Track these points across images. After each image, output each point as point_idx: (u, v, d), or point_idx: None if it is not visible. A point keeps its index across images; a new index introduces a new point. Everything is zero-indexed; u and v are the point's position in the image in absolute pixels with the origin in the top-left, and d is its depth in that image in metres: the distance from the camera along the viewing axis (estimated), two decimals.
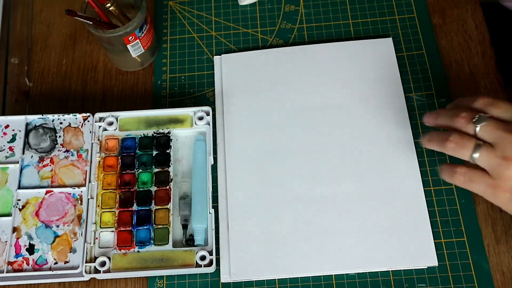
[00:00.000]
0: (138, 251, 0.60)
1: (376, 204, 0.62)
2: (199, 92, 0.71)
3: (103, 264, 0.60)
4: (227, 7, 0.77)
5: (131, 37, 0.67)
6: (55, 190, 0.63)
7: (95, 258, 0.60)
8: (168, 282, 0.61)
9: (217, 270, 0.60)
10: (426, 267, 0.59)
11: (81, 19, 0.64)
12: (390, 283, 0.59)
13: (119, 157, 0.65)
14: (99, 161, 0.64)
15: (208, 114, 0.66)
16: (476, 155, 0.51)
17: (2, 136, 0.66)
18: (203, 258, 0.59)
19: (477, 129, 0.51)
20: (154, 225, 0.61)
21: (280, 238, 0.61)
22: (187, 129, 0.66)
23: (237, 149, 0.66)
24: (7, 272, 0.59)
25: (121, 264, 0.60)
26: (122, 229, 0.61)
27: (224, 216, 0.63)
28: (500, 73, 0.69)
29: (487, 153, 0.50)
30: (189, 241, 0.61)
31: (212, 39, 0.75)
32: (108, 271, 0.59)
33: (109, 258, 0.60)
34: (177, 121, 0.66)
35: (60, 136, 0.66)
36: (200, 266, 0.59)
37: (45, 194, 0.63)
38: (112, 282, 0.61)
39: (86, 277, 0.60)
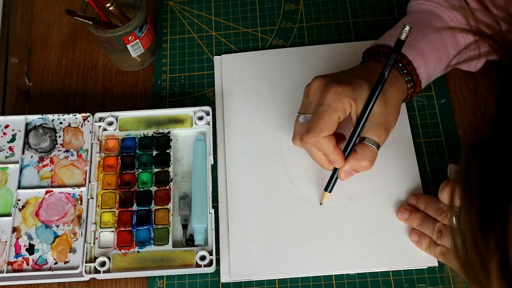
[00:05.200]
0: (138, 251, 0.60)
1: (376, 204, 0.62)
2: (199, 92, 0.71)
3: (103, 264, 0.60)
4: (227, 7, 0.76)
5: (131, 37, 0.67)
6: (55, 190, 0.63)
7: (95, 258, 0.60)
8: (168, 282, 0.61)
9: (217, 270, 0.60)
10: (426, 267, 0.59)
11: (81, 19, 0.64)
12: (390, 283, 0.59)
13: (119, 157, 0.65)
14: (99, 161, 0.64)
15: (208, 114, 0.66)
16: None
17: (2, 136, 0.66)
18: (203, 258, 0.59)
19: (454, 220, 0.55)
20: (154, 225, 0.61)
21: (280, 238, 0.61)
22: (187, 129, 0.66)
23: (237, 149, 0.66)
24: (7, 272, 0.59)
25: (121, 264, 0.60)
26: (122, 229, 0.61)
27: (224, 216, 0.63)
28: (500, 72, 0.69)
29: None
30: (189, 241, 0.61)
31: (212, 39, 0.75)
32: (108, 271, 0.59)
33: (109, 258, 0.60)
34: (177, 121, 0.66)
35: (60, 136, 0.66)
36: (200, 266, 0.59)
37: (45, 194, 0.63)
38: (112, 282, 0.61)
39: (86, 277, 0.60)
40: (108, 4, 0.67)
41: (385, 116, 0.57)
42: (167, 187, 0.63)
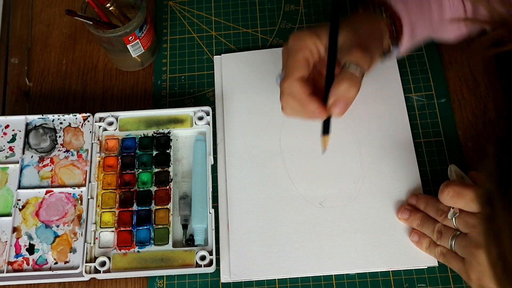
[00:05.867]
0: (138, 251, 0.60)
1: (376, 204, 0.62)
2: (199, 92, 0.71)
3: (103, 264, 0.60)
4: (227, 7, 0.77)
5: (131, 37, 0.67)
6: (55, 190, 0.63)
7: (95, 258, 0.60)
8: (168, 282, 0.61)
9: (217, 270, 0.60)
10: (426, 267, 0.59)
11: (81, 19, 0.64)
12: (390, 283, 0.59)
13: (119, 157, 0.65)
14: (99, 161, 0.64)
15: (208, 114, 0.66)
16: (452, 243, 0.56)
17: (2, 136, 0.66)
18: (203, 258, 0.59)
19: (454, 221, 0.56)
20: (154, 225, 0.61)
21: (280, 238, 0.61)
22: (187, 129, 0.66)
23: (237, 149, 0.66)
24: (7, 272, 0.59)
25: (121, 264, 0.60)
26: (122, 229, 0.61)
27: (224, 216, 0.63)
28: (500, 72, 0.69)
29: (459, 242, 0.55)
30: (189, 241, 0.61)
31: (212, 39, 0.75)
32: (108, 271, 0.59)
33: (109, 258, 0.60)
34: (177, 121, 0.66)
35: (60, 136, 0.66)
36: (200, 266, 0.59)
37: (45, 194, 0.63)
38: (112, 282, 0.61)
39: (86, 277, 0.60)
40: (108, 4, 0.67)
41: (358, 39, 0.55)
42: (167, 187, 0.63)
